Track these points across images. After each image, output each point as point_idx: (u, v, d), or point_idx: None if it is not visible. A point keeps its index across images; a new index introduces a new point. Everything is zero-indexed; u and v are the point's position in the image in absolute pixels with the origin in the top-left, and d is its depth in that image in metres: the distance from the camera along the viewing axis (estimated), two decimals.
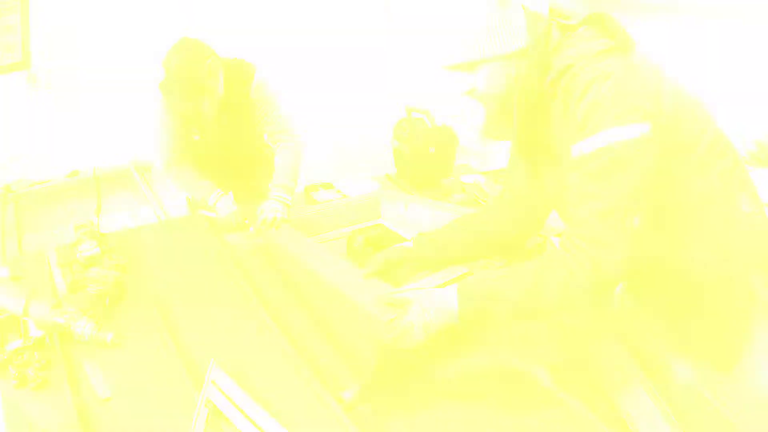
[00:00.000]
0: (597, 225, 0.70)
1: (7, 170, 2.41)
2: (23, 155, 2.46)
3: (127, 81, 2.72)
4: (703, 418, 0.75)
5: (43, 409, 0.75)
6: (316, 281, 0.99)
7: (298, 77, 3.37)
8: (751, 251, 0.82)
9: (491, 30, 0.78)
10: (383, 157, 2.53)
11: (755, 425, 0.72)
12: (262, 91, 1.61)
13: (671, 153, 0.74)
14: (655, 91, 0.71)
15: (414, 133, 2.14)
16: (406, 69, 4.03)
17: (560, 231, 1.17)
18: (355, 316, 0.78)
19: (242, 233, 1.45)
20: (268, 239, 1.31)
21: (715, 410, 0.77)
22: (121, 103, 2.72)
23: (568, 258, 0.71)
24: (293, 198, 1.48)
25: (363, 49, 3.87)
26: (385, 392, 0.78)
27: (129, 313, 1.04)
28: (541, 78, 0.78)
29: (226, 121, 1.57)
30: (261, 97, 1.60)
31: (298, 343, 0.92)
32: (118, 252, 1.31)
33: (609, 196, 0.69)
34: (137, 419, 0.74)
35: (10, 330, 0.97)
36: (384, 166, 2.38)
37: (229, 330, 0.99)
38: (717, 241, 0.81)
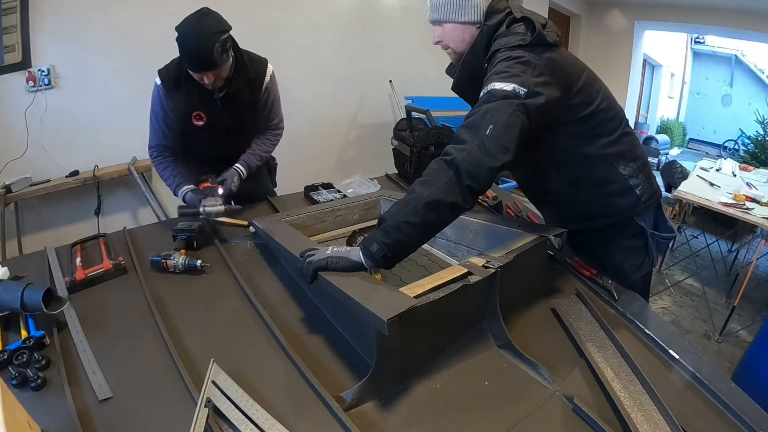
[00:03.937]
0: (463, 133, 0.94)
1: (7, 170, 2.41)
2: (23, 155, 2.46)
3: (128, 80, 2.72)
4: (703, 418, 0.76)
5: (43, 409, 0.75)
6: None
7: (299, 74, 3.38)
8: (620, 199, 1.19)
9: (454, 2, 1.10)
10: (383, 157, 2.53)
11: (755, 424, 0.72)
12: (273, 85, 1.66)
13: (572, 117, 1.09)
14: (549, 72, 1.00)
15: (414, 133, 2.14)
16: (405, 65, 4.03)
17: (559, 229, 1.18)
18: (356, 309, 0.78)
19: (241, 235, 1.46)
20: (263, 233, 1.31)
21: (715, 410, 0.77)
22: (121, 103, 2.72)
23: (441, 161, 0.92)
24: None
25: (362, 47, 3.88)
26: (385, 389, 0.78)
27: (128, 313, 1.04)
28: (482, 55, 1.10)
29: (231, 108, 1.56)
30: (270, 90, 1.66)
31: (298, 342, 0.92)
32: (117, 252, 1.32)
33: (478, 117, 0.94)
34: (137, 419, 0.74)
35: (10, 330, 0.97)
36: (384, 166, 2.38)
37: (229, 330, 0.99)
38: (598, 188, 1.18)
